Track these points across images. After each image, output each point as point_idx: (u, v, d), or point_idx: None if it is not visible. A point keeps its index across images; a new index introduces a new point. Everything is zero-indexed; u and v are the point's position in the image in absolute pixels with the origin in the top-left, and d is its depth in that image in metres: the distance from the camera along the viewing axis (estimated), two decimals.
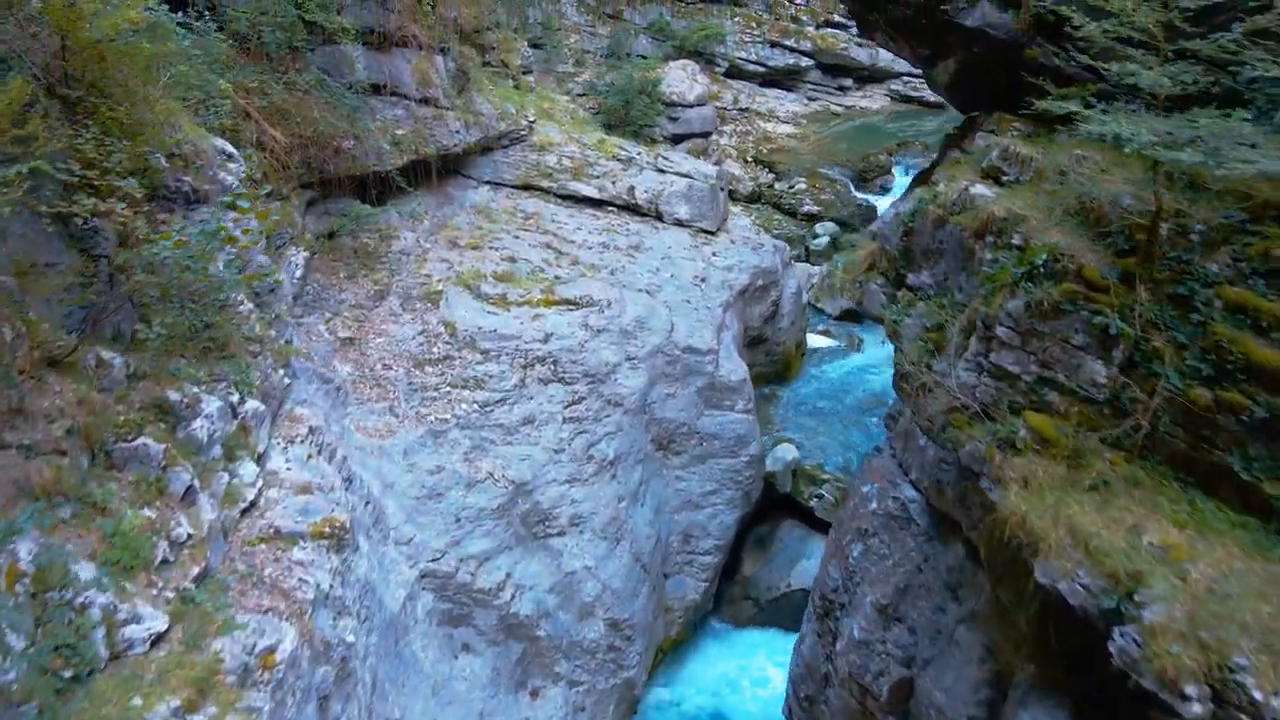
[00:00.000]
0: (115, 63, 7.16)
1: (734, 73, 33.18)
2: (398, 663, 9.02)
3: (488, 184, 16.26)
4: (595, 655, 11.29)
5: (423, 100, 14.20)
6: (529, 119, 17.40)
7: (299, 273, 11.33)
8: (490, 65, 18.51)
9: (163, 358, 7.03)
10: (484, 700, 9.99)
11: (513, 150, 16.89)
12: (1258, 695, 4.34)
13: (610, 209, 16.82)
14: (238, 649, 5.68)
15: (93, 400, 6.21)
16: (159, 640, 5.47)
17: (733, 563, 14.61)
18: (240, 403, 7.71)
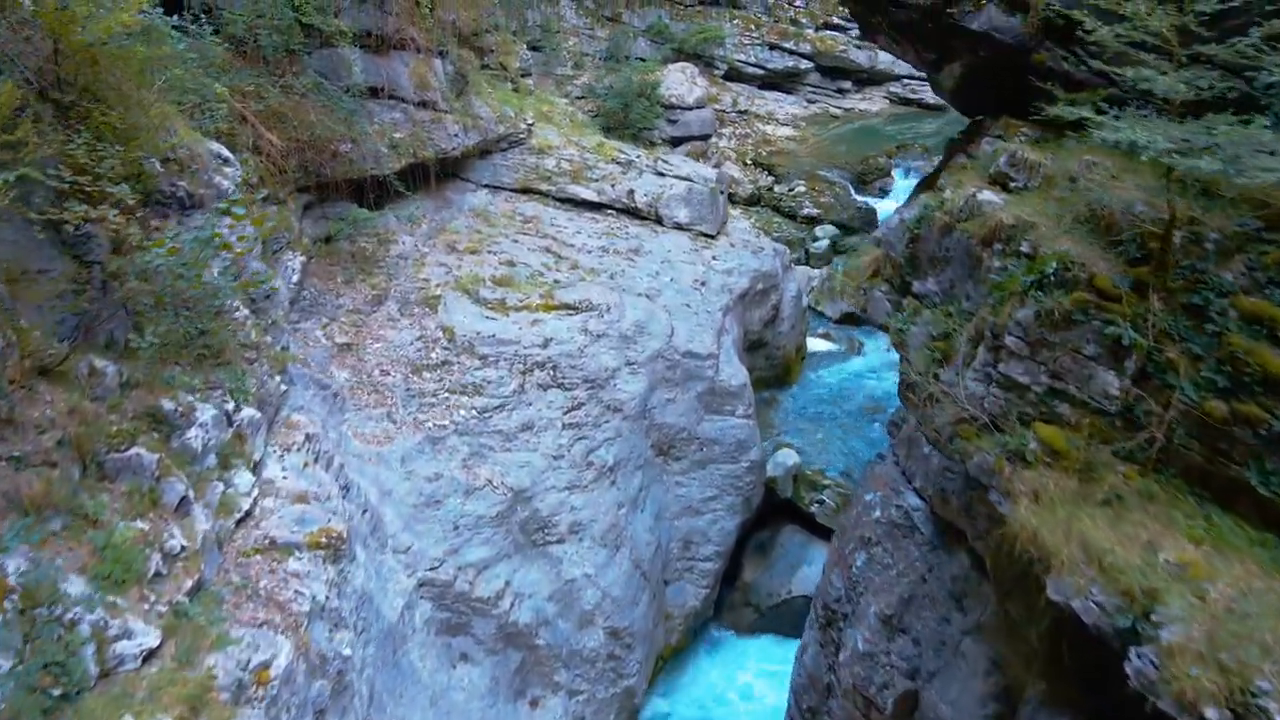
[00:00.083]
0: (109, 66, 7.06)
1: (733, 75, 33.08)
2: (395, 673, 8.90)
3: (486, 187, 16.14)
4: (595, 664, 11.17)
5: (421, 103, 14.08)
6: (528, 122, 17.29)
7: (296, 277, 11.22)
8: (489, 68, 18.41)
9: (157, 365, 6.92)
10: (482, 710, 9.87)
11: (511, 153, 16.76)
12: None
13: (609, 212, 16.70)
14: (231, 664, 5.57)
15: (84, 410, 6.10)
16: (151, 656, 5.36)
17: (733, 569, 14.48)
18: (236, 410, 7.60)
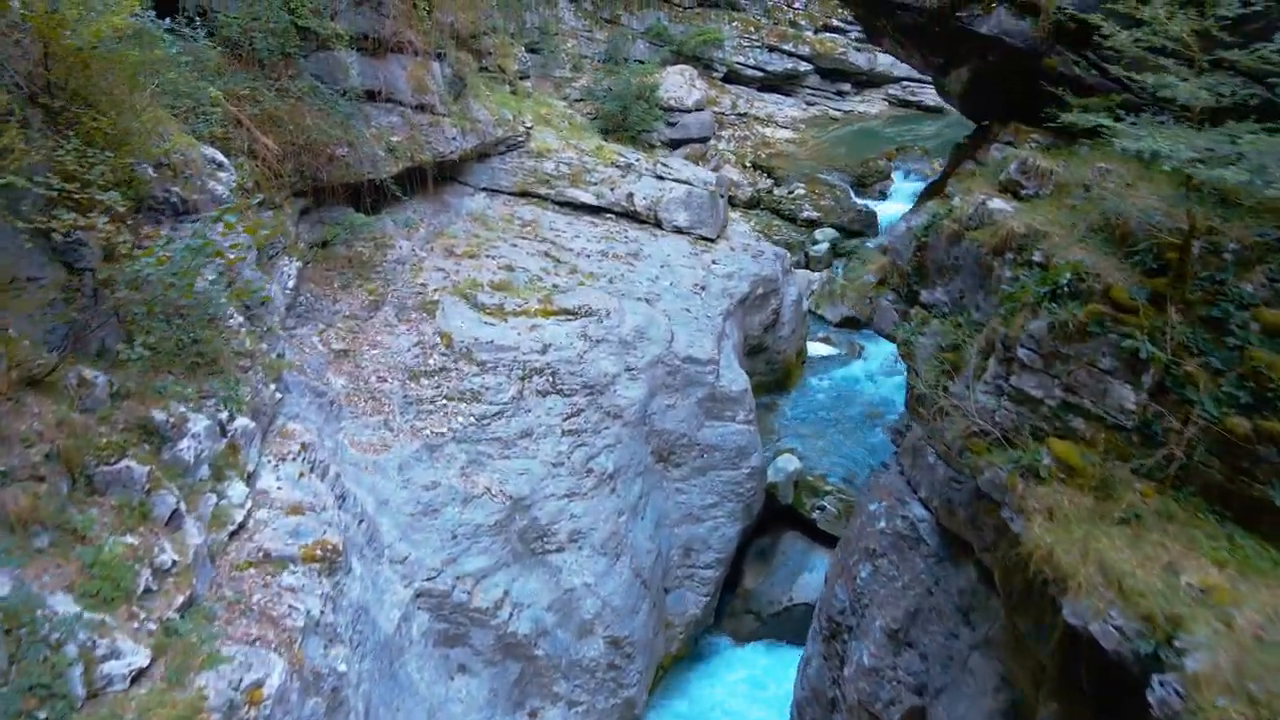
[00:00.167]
0: (100, 71, 6.95)
1: (732, 78, 32.97)
2: (392, 685, 8.77)
3: (484, 191, 16.03)
4: (595, 674, 11.04)
5: (418, 107, 13.97)
6: (526, 125, 17.19)
7: (291, 283, 11.09)
8: (487, 71, 18.31)
9: (149, 375, 6.80)
10: None
11: (510, 157, 16.66)
12: None
13: (609, 216, 16.60)
14: (223, 684, 5.44)
15: (73, 422, 5.97)
16: (140, 676, 5.23)
17: (734, 576, 14.35)
18: (229, 420, 7.48)
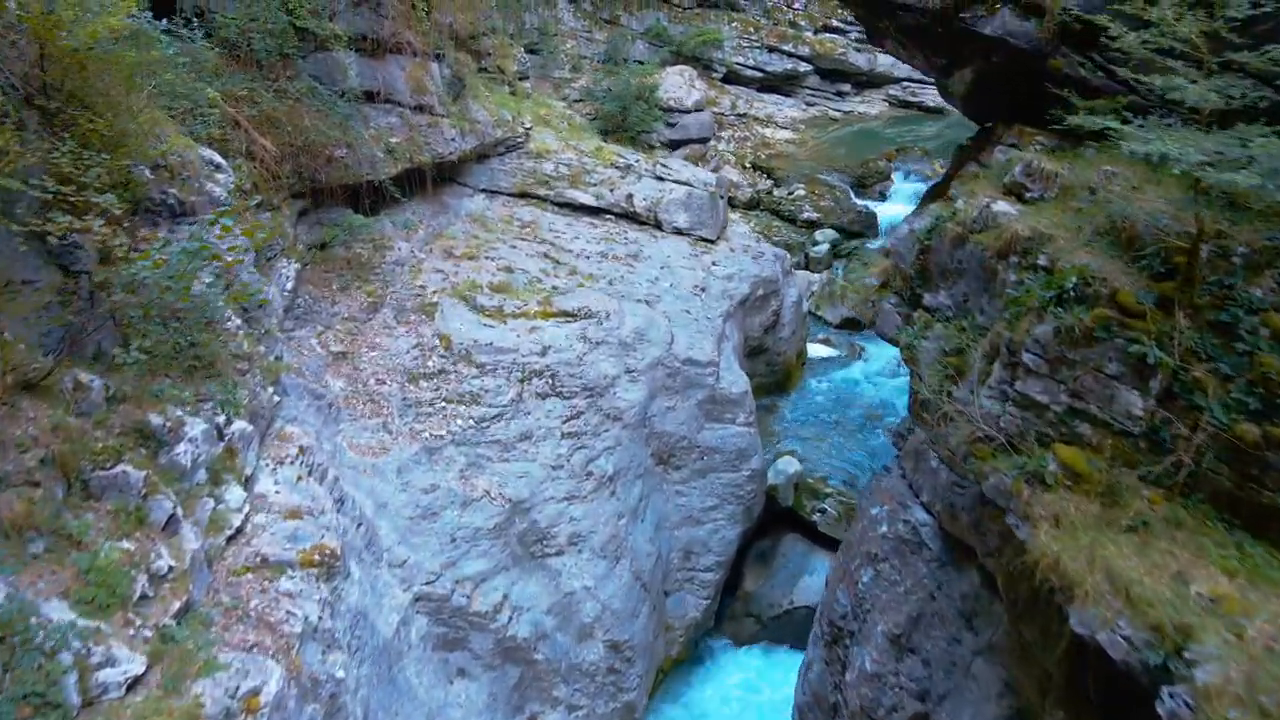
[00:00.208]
0: (96, 72, 6.90)
1: (732, 78, 32.94)
2: (391, 690, 8.72)
3: (484, 192, 15.98)
4: (595, 678, 10.99)
5: (417, 108, 13.92)
6: (525, 126, 17.14)
7: (290, 285, 11.04)
8: (486, 71, 18.26)
9: (145, 378, 6.75)
10: None
11: (509, 158, 16.61)
12: None
13: (608, 217, 16.55)
14: (219, 692, 5.39)
15: (69, 426, 5.92)
16: (136, 684, 5.18)
17: (734, 579, 14.30)
18: (227, 424, 7.43)
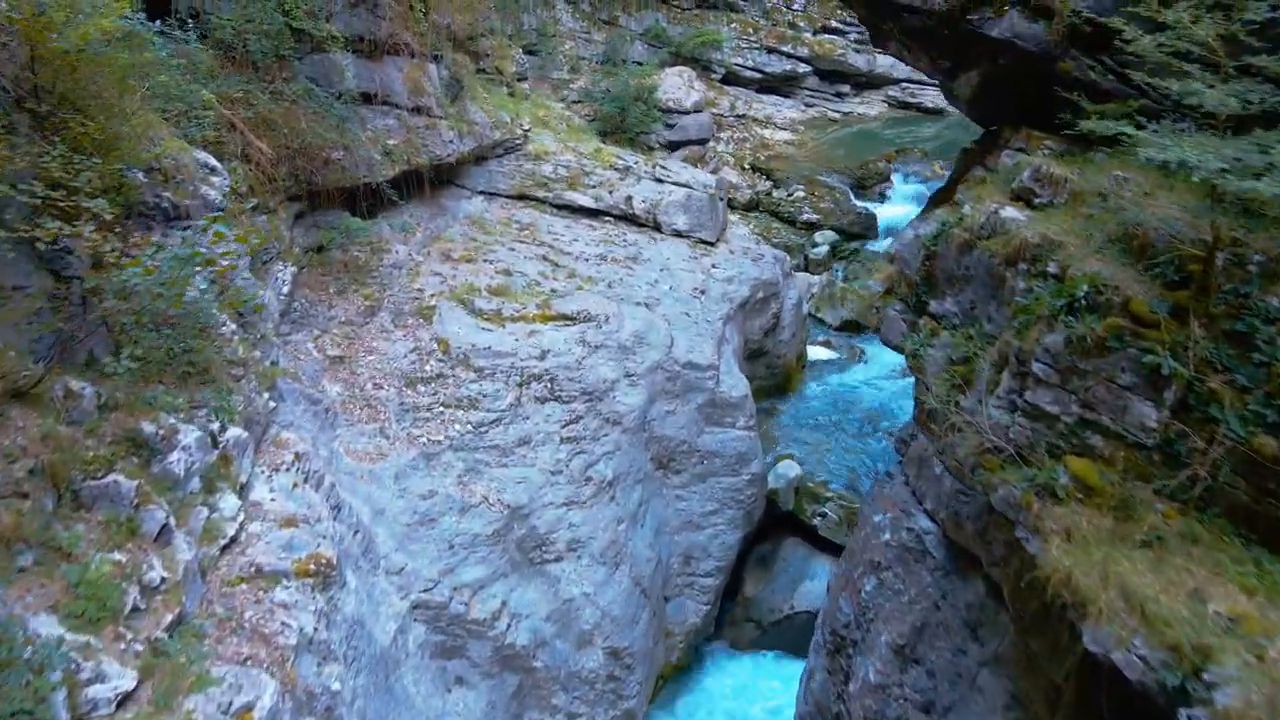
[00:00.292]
0: (89, 74, 6.79)
1: (731, 79, 32.83)
2: (388, 699, 8.61)
3: (482, 194, 15.87)
4: (594, 686, 10.89)
5: (415, 109, 13.81)
6: (524, 127, 17.03)
7: (286, 289, 10.94)
8: (484, 72, 18.16)
9: (138, 385, 6.65)
10: None
11: (507, 159, 16.50)
12: None
13: (607, 219, 16.44)
14: (212, 707, 5.29)
15: (59, 435, 5.82)
16: (126, 700, 5.07)
17: (734, 584, 14.19)
18: (221, 431, 7.32)
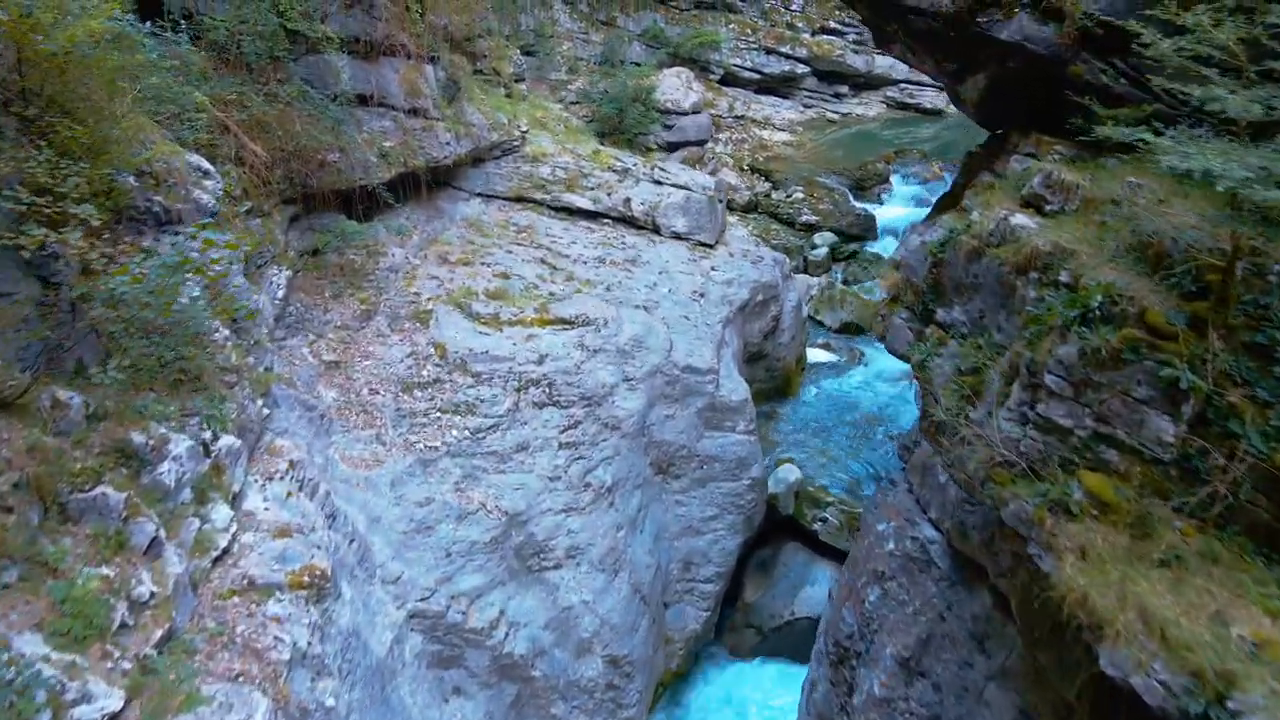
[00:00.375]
0: (77, 76, 6.65)
1: (729, 80, 32.75)
2: (384, 710, 8.47)
3: (479, 196, 15.74)
4: (594, 695, 10.76)
5: (411, 111, 13.67)
6: (521, 129, 16.90)
7: (281, 293, 10.79)
8: (481, 74, 18.03)
9: (128, 393, 6.50)
10: None
11: (505, 161, 16.37)
12: None
13: (606, 221, 16.32)
14: None
15: (46, 446, 5.67)
16: None
17: (734, 589, 14.06)
18: (213, 439, 7.18)
